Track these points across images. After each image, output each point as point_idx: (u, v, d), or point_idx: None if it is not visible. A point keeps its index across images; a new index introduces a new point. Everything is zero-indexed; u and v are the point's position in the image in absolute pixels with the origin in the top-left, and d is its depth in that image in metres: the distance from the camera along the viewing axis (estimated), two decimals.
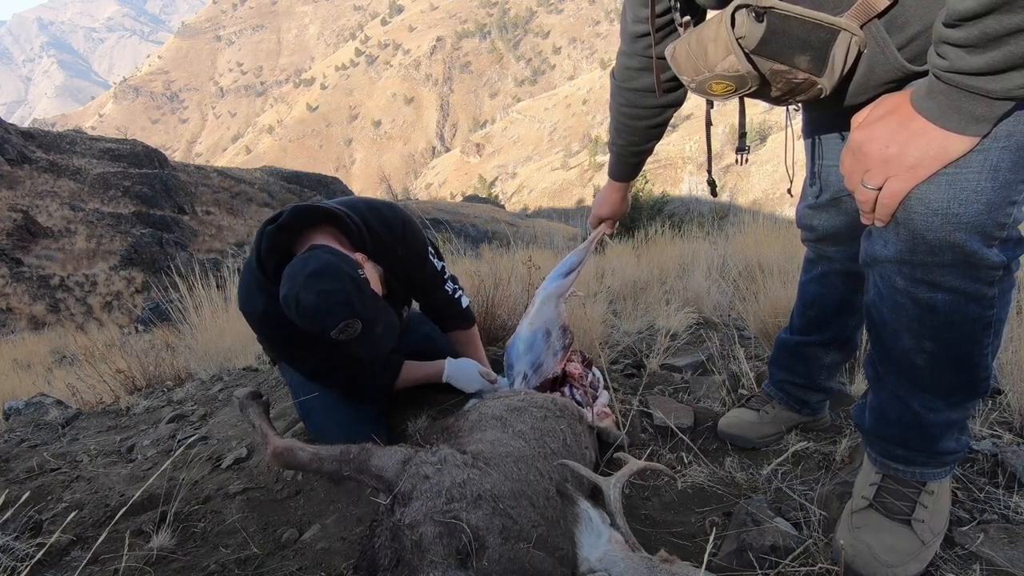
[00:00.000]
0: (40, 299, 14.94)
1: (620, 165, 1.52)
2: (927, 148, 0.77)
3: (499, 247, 6.37)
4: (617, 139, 1.46)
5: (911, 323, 0.91)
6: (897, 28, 0.84)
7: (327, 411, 1.60)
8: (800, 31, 0.85)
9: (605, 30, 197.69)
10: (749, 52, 0.88)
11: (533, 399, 1.36)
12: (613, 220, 1.68)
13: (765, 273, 2.57)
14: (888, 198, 0.82)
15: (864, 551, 1.01)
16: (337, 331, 1.22)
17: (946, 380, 0.95)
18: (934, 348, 0.91)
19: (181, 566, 1.20)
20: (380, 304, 1.33)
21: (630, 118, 1.38)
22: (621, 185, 1.59)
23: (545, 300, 1.70)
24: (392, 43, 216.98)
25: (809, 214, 1.30)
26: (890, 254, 0.88)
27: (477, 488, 0.95)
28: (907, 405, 0.99)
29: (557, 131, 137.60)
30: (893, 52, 0.85)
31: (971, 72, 0.69)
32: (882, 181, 0.81)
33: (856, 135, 0.83)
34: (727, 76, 0.92)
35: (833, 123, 1.18)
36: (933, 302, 0.87)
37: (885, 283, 0.92)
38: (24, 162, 22.19)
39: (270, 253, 1.36)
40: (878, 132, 0.80)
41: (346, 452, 1.13)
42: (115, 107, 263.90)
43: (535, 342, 1.66)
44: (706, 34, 0.92)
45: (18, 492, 1.43)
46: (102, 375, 2.65)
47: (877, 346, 1.01)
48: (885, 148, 0.79)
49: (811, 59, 0.87)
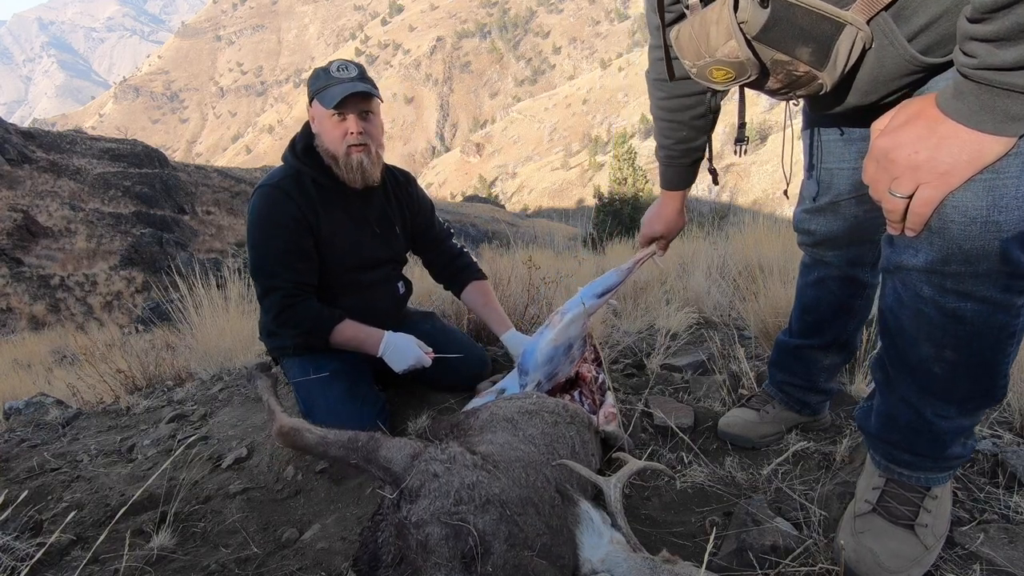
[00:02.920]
0: (40, 299, 14.95)
1: (673, 171, 1.37)
2: (959, 152, 0.73)
3: (499, 247, 6.37)
4: (664, 141, 1.33)
5: (933, 331, 0.88)
6: (904, 19, 0.80)
7: (330, 408, 1.60)
8: (804, 21, 0.82)
9: (605, 30, 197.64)
10: (751, 38, 0.85)
11: (545, 403, 1.35)
12: (667, 239, 1.51)
13: (765, 273, 2.57)
14: (921, 207, 0.78)
15: (867, 556, 1.00)
16: (341, 65, 1.58)
17: (962, 388, 0.92)
18: (955, 357, 0.89)
19: (181, 566, 1.20)
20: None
21: (673, 111, 1.27)
22: (676, 195, 1.41)
23: (574, 319, 1.58)
24: (392, 43, 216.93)
25: (806, 218, 1.29)
26: (920, 263, 0.84)
27: (486, 492, 0.94)
28: (919, 412, 0.97)
29: (557, 131, 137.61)
30: (903, 43, 0.82)
31: (1003, 68, 0.66)
32: (912, 189, 0.77)
33: (880, 142, 0.79)
34: (727, 62, 0.89)
35: (835, 124, 1.16)
36: (961, 312, 0.84)
37: (908, 291, 0.89)
38: (24, 162, 22.20)
39: (304, 133, 1.67)
40: (905, 138, 0.76)
41: (354, 439, 1.12)
42: (115, 107, 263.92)
43: (555, 356, 1.59)
44: (709, 16, 0.88)
45: (18, 492, 1.43)
46: (102, 375, 2.64)
47: (890, 352, 0.99)
48: (914, 154, 0.75)
49: (813, 51, 0.84)
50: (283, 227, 1.58)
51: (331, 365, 1.68)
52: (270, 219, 1.59)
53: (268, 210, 1.59)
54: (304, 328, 1.63)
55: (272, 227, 1.59)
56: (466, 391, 1.86)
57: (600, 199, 19.31)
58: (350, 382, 1.66)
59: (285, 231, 1.58)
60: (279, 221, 1.58)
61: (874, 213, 1.19)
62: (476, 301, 1.92)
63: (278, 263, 1.59)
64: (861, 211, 1.20)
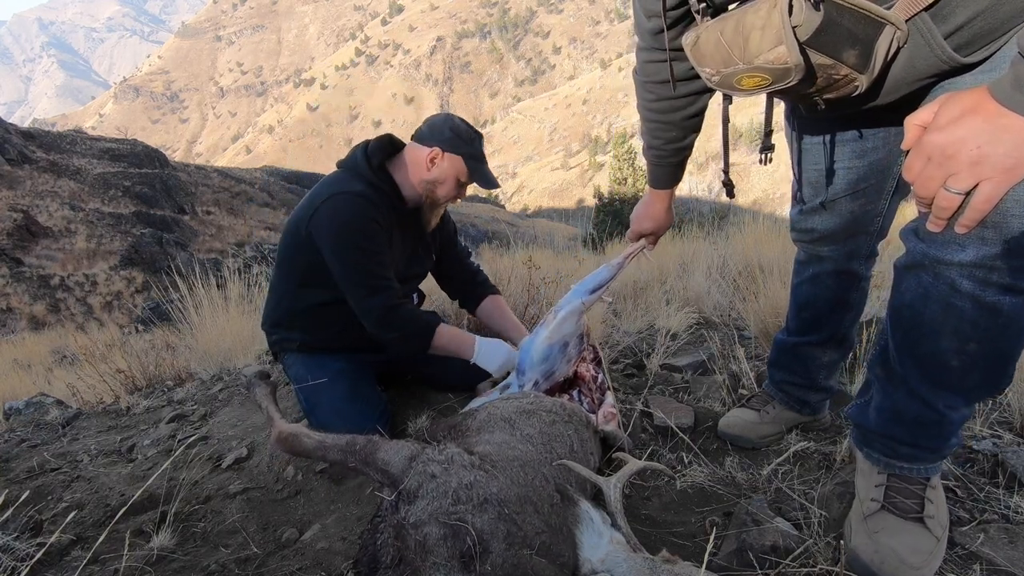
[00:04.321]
0: (40, 299, 14.94)
1: (660, 170, 1.38)
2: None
3: (499, 247, 6.38)
4: (652, 140, 1.33)
5: (962, 325, 0.88)
6: (943, 18, 0.79)
7: (333, 407, 1.60)
8: (851, 23, 0.80)
9: (605, 30, 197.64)
10: (802, 43, 0.82)
11: (542, 402, 1.35)
12: (655, 235, 1.53)
13: (765, 273, 2.57)
14: (983, 203, 0.75)
15: (891, 556, 1.00)
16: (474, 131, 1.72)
17: (974, 379, 0.93)
18: (977, 349, 0.88)
19: (181, 566, 1.20)
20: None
21: (663, 112, 1.26)
22: (664, 194, 1.43)
23: (568, 316, 1.60)
24: (392, 43, 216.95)
25: (803, 218, 1.29)
26: (967, 258, 0.83)
27: (484, 491, 0.94)
28: (929, 405, 0.98)
29: (557, 131, 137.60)
30: (940, 43, 0.80)
31: None
32: (972, 185, 0.74)
33: (935, 138, 0.74)
34: (767, 68, 0.85)
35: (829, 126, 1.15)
36: (1000, 305, 0.84)
37: (941, 285, 0.88)
38: (24, 162, 22.20)
39: (378, 150, 1.68)
40: (962, 132, 0.72)
41: (352, 443, 1.13)
42: (115, 107, 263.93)
43: (551, 354, 1.61)
44: (751, 21, 0.84)
45: (18, 492, 1.43)
46: (102, 375, 2.64)
47: (903, 347, 0.98)
48: (976, 149, 0.71)
49: (859, 54, 0.82)
50: (376, 234, 1.59)
51: (334, 365, 1.68)
52: (365, 225, 1.57)
53: (361, 216, 1.57)
54: (408, 331, 1.62)
55: (368, 233, 1.57)
56: (466, 391, 1.86)
57: (600, 199, 19.31)
58: (353, 382, 1.66)
59: (378, 238, 1.59)
60: (372, 228, 1.58)
61: (869, 207, 1.20)
62: (493, 313, 1.99)
63: (380, 266, 1.59)
64: (856, 206, 1.20)
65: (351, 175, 1.65)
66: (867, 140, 1.13)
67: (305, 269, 1.66)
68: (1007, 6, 0.76)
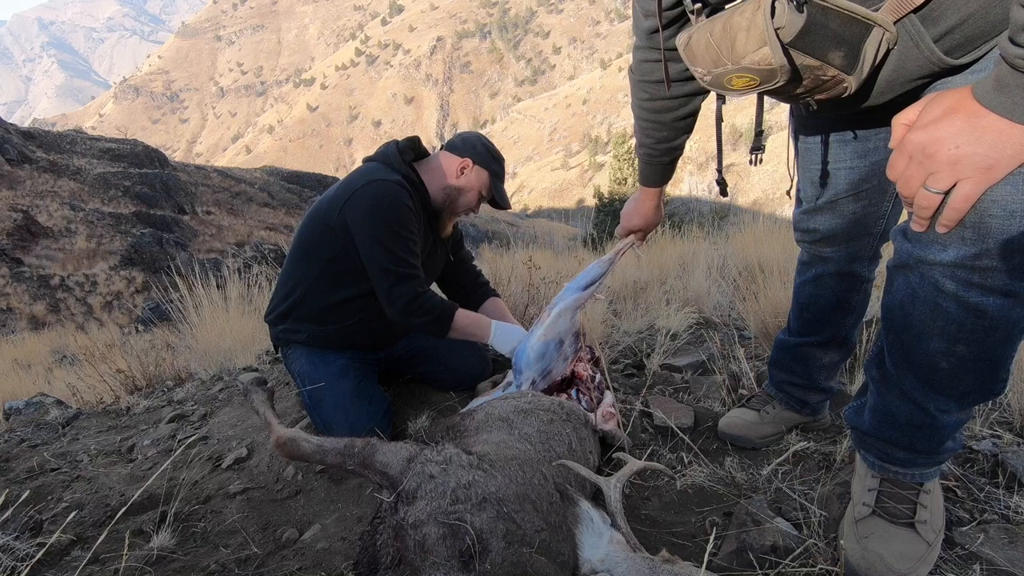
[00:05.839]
0: (40, 299, 14.93)
1: (651, 168, 1.40)
2: (1003, 147, 0.70)
3: (499, 247, 6.38)
4: (644, 139, 1.34)
5: (948, 326, 0.87)
6: (932, 20, 0.79)
7: (338, 404, 1.60)
8: (837, 24, 0.80)
9: (605, 30, 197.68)
10: (786, 44, 0.82)
11: (540, 402, 1.36)
12: (644, 232, 1.56)
13: (765, 273, 2.57)
14: (961, 202, 0.75)
15: (876, 562, 1.00)
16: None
17: (966, 382, 0.92)
18: (966, 351, 0.88)
19: (181, 566, 1.20)
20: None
21: (656, 112, 1.27)
22: (654, 192, 1.46)
23: (561, 313, 1.62)
24: (392, 43, 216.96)
25: (805, 218, 1.29)
26: (948, 258, 0.83)
27: (482, 490, 0.94)
28: (921, 408, 0.97)
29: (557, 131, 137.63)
30: (929, 45, 0.80)
31: None
32: (950, 184, 0.75)
33: (916, 137, 0.75)
34: (753, 69, 0.86)
35: (830, 126, 1.16)
36: (984, 306, 0.83)
37: (927, 286, 0.87)
38: (24, 162, 22.20)
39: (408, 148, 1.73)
40: (943, 132, 0.73)
41: (350, 446, 1.13)
42: (115, 107, 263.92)
43: (547, 352, 1.62)
44: (736, 22, 0.84)
45: (18, 492, 1.43)
46: (102, 375, 2.64)
47: (894, 348, 0.98)
48: (955, 149, 0.72)
49: (845, 55, 0.82)
50: (412, 221, 1.62)
51: (339, 360, 1.68)
52: (402, 212, 1.60)
53: (399, 203, 1.59)
54: (433, 316, 1.64)
55: (404, 219, 1.60)
56: (467, 391, 1.86)
57: (600, 199, 19.30)
58: (358, 380, 1.66)
59: (413, 225, 1.63)
60: (408, 216, 1.61)
61: (871, 208, 1.20)
62: (494, 315, 2.01)
63: (411, 254, 1.62)
64: (859, 207, 1.20)
65: (386, 167, 1.68)
66: (868, 140, 1.13)
67: (327, 262, 1.66)
68: (997, 10, 0.75)
